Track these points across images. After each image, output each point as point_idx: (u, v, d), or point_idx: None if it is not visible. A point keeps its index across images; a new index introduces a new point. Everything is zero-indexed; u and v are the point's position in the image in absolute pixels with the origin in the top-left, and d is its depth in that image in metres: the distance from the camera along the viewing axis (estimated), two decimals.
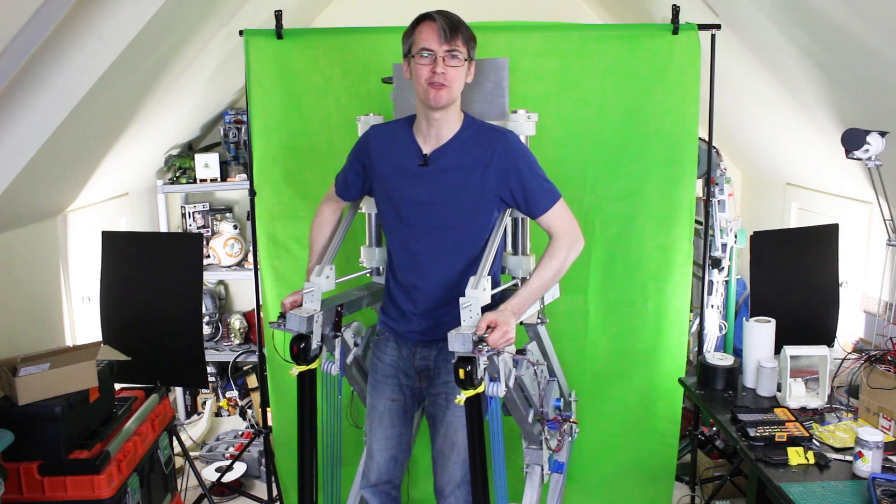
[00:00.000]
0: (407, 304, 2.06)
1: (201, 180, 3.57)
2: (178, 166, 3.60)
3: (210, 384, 3.85)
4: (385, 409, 2.14)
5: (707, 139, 2.84)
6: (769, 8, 2.32)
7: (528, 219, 2.10)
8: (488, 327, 1.70)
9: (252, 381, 3.91)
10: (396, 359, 2.12)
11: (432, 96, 1.86)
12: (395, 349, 2.12)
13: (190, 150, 3.79)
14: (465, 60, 1.89)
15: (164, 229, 3.66)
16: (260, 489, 3.23)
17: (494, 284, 1.92)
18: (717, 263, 3.22)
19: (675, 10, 2.53)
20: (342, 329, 2.14)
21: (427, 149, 1.97)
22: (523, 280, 2.11)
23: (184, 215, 3.87)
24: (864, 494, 1.75)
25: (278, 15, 2.61)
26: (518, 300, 1.85)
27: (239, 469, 3.25)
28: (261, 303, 2.83)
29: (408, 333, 2.08)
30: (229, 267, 3.73)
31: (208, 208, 3.91)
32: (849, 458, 1.92)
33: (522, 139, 2.10)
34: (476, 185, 1.93)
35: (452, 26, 1.85)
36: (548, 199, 1.94)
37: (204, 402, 3.82)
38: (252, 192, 2.74)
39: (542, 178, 1.97)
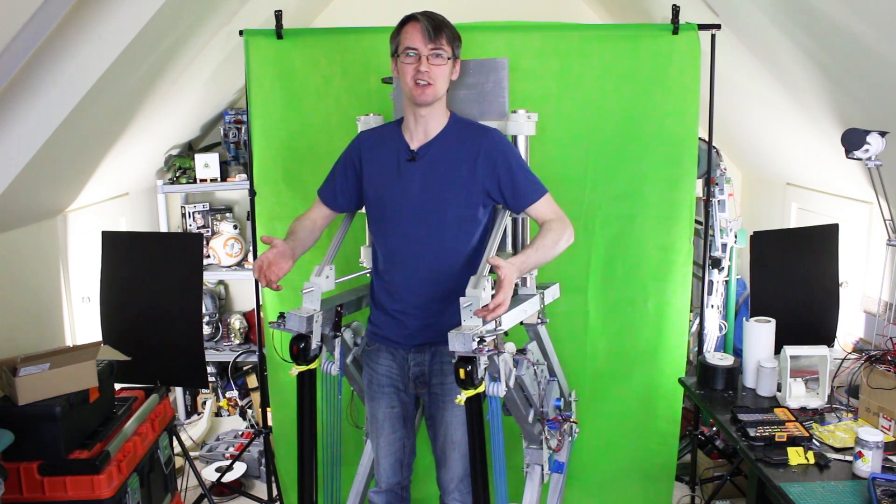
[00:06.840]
0: (393, 304, 2.06)
1: (201, 180, 3.57)
2: (178, 166, 3.60)
3: (210, 384, 3.85)
4: (385, 418, 2.16)
5: (707, 139, 2.84)
6: (769, 8, 2.32)
7: (528, 219, 2.10)
8: (492, 296, 1.70)
9: (252, 381, 3.91)
10: (390, 368, 2.12)
11: (417, 94, 1.92)
12: (388, 358, 2.12)
13: (190, 150, 3.79)
14: (449, 59, 1.94)
15: (164, 229, 3.66)
16: (260, 489, 3.23)
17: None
18: (717, 263, 3.21)
19: (675, 10, 2.53)
20: (342, 329, 2.14)
21: (415, 144, 2.01)
22: (523, 281, 2.11)
23: (184, 215, 3.87)
24: (864, 494, 1.75)
25: (278, 15, 2.61)
26: (522, 257, 1.85)
27: (239, 469, 3.25)
28: (261, 303, 2.82)
29: (398, 338, 2.08)
30: (229, 267, 3.73)
31: (208, 208, 3.91)
32: (849, 458, 1.91)
33: (522, 139, 2.11)
34: (463, 178, 1.96)
35: (436, 26, 1.90)
36: (535, 191, 1.98)
37: (204, 402, 3.82)
38: (252, 192, 2.74)
39: (528, 172, 2.01)
